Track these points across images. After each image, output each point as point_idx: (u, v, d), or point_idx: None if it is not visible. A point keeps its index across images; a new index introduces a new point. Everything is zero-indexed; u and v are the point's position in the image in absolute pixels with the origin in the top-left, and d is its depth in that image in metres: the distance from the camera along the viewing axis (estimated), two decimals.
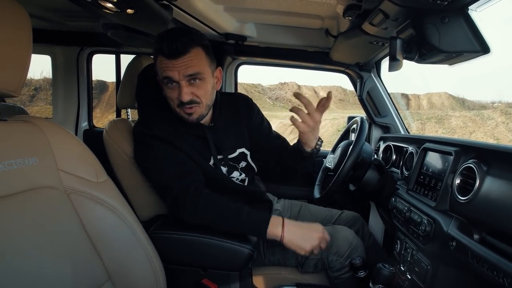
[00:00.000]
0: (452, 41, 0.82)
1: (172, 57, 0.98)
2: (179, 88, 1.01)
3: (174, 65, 0.98)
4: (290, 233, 0.98)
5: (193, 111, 1.05)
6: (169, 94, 1.04)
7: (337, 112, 15.47)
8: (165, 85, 1.03)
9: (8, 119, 0.70)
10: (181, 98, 1.01)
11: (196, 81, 1.02)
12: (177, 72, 0.99)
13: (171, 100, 1.04)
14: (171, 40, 0.97)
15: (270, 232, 0.96)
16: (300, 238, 0.98)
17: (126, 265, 0.78)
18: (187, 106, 1.03)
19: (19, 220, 0.62)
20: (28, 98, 12.91)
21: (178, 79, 0.99)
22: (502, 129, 11.50)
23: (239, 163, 1.21)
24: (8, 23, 0.62)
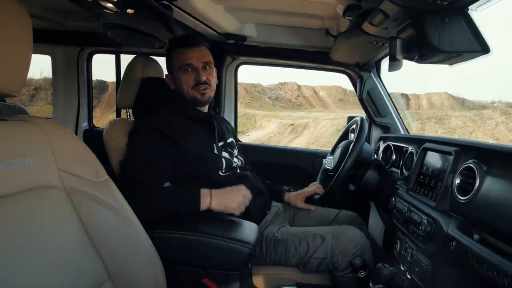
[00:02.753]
0: (452, 41, 0.82)
1: (192, 46, 1.21)
2: (195, 72, 1.21)
3: (193, 53, 1.21)
4: (217, 198, 1.07)
5: (206, 91, 1.23)
6: (185, 79, 1.22)
7: (337, 112, 15.48)
8: (182, 72, 1.21)
9: (8, 119, 0.70)
10: (199, 78, 1.21)
11: (207, 68, 1.24)
12: (195, 59, 1.21)
13: (185, 84, 1.21)
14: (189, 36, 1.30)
15: (202, 203, 1.06)
16: (226, 199, 1.09)
17: (126, 265, 0.78)
18: (201, 86, 1.21)
19: (20, 219, 0.62)
20: (28, 98, 12.91)
21: (196, 64, 1.21)
22: (502, 129, 11.50)
23: (233, 150, 1.31)
24: (9, 23, 0.62)
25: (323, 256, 1.13)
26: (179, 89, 1.24)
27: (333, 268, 1.14)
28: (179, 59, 1.22)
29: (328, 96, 18.10)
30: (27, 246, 0.61)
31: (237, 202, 1.09)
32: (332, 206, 1.47)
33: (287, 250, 1.16)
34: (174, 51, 1.23)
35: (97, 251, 0.73)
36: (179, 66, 1.21)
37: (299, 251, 1.15)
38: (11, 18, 0.63)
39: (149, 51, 1.79)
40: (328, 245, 1.13)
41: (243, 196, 1.10)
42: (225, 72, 1.87)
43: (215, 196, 1.07)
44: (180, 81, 1.22)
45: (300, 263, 1.16)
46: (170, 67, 1.26)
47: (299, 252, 1.15)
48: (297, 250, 1.15)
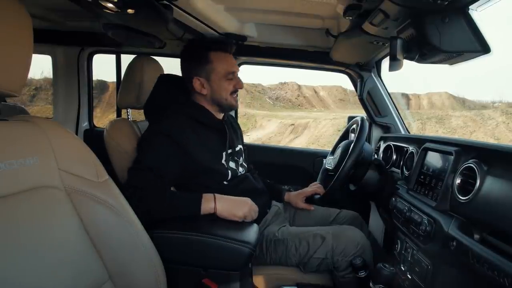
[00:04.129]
0: (453, 40, 0.82)
1: (231, 53, 1.22)
2: (235, 79, 1.22)
3: (233, 60, 1.22)
4: (222, 204, 1.06)
5: (237, 98, 1.27)
6: (226, 86, 1.20)
7: (337, 112, 15.47)
8: (226, 79, 1.20)
9: (9, 119, 0.70)
10: (240, 86, 1.23)
11: None
12: (236, 67, 1.23)
13: (227, 90, 1.21)
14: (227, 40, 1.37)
15: (204, 208, 1.04)
16: (231, 206, 1.06)
17: (127, 265, 0.78)
18: (237, 93, 1.24)
19: (20, 219, 0.62)
20: (28, 98, 12.92)
21: (237, 72, 1.23)
22: (502, 129, 11.49)
23: (239, 158, 1.28)
24: (9, 23, 0.62)
25: (323, 256, 1.13)
26: (216, 96, 1.20)
27: (334, 268, 1.14)
28: (222, 65, 1.18)
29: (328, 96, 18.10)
30: (28, 246, 0.61)
31: (243, 211, 1.06)
32: (333, 206, 1.47)
33: (288, 250, 1.16)
34: (213, 54, 1.18)
35: (98, 251, 0.73)
36: (224, 73, 1.18)
37: (300, 251, 1.15)
38: (12, 18, 0.63)
39: (150, 51, 1.79)
40: (329, 245, 1.13)
41: (249, 207, 1.08)
42: None
43: (219, 201, 1.05)
44: (220, 87, 1.19)
45: (300, 263, 1.16)
46: (207, 72, 1.18)
47: (300, 252, 1.15)
48: (297, 250, 1.15)
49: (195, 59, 1.19)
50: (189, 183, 1.13)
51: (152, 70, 1.33)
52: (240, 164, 1.28)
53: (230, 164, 1.21)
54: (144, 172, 1.04)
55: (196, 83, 1.18)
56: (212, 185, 1.14)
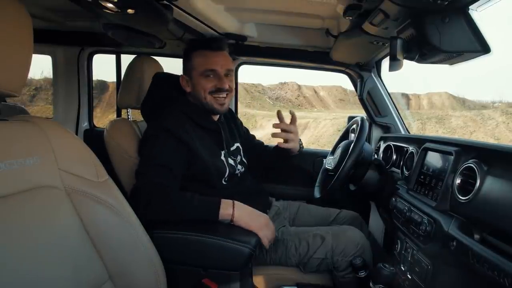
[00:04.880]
0: (453, 40, 0.82)
1: (217, 49, 1.18)
2: (217, 79, 1.17)
3: (217, 58, 1.17)
4: (240, 212, 1.03)
5: (226, 101, 1.20)
6: (205, 84, 1.17)
7: (337, 112, 15.47)
8: (204, 77, 1.17)
9: (9, 119, 0.70)
10: (221, 85, 1.17)
11: (228, 76, 1.20)
12: (220, 65, 1.17)
13: (204, 89, 1.17)
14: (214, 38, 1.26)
15: (222, 213, 1.02)
16: (248, 217, 1.04)
17: (127, 265, 0.78)
18: (222, 94, 1.18)
19: (20, 219, 0.62)
20: (28, 98, 12.92)
21: (220, 70, 1.17)
22: (502, 129, 11.49)
23: (237, 157, 1.28)
24: (9, 23, 0.62)
25: (323, 256, 1.13)
26: (195, 94, 1.19)
27: (333, 268, 1.14)
28: (201, 62, 1.17)
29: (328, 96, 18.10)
30: (28, 246, 0.61)
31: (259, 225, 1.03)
32: (333, 206, 1.47)
33: (287, 250, 1.16)
34: (195, 52, 1.18)
35: (97, 251, 0.73)
36: (201, 71, 1.17)
37: (299, 251, 1.15)
38: (12, 18, 0.63)
39: (150, 51, 1.79)
40: (328, 245, 1.13)
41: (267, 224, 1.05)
42: None
43: (238, 208, 1.03)
44: (198, 85, 1.18)
45: (300, 263, 1.16)
46: (189, 70, 1.20)
47: (299, 252, 1.15)
48: (297, 250, 1.15)
49: (184, 58, 1.23)
50: (187, 182, 1.11)
51: (152, 70, 1.33)
52: (239, 162, 1.27)
53: (230, 161, 1.22)
54: (156, 171, 1.03)
55: (182, 80, 1.21)
56: (209, 184, 1.14)
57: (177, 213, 1.01)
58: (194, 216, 1.01)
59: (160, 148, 1.07)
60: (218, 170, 1.16)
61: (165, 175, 1.03)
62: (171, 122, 1.11)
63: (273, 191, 1.49)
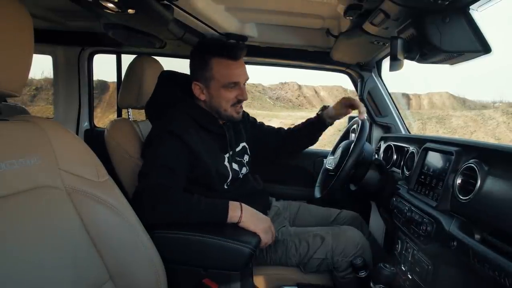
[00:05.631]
0: (453, 40, 0.82)
1: (238, 59, 1.13)
2: (239, 89, 1.14)
3: (239, 69, 1.14)
4: (247, 214, 1.03)
5: (242, 109, 1.20)
6: (226, 96, 1.13)
7: None
8: (225, 88, 1.13)
9: (9, 119, 0.70)
10: (244, 97, 1.15)
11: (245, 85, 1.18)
12: (243, 75, 1.15)
13: (225, 100, 1.14)
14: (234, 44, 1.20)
15: (231, 215, 1.01)
16: (255, 219, 1.05)
17: (127, 265, 0.78)
18: (240, 104, 1.17)
19: (21, 219, 0.62)
20: (29, 98, 12.93)
21: (242, 82, 1.15)
22: (503, 129, 11.47)
23: (243, 157, 1.26)
24: (10, 23, 0.62)
25: (323, 257, 1.13)
26: (214, 105, 1.15)
27: (334, 268, 1.14)
28: (223, 73, 1.11)
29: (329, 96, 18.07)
30: (28, 246, 0.61)
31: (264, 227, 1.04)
32: (333, 206, 1.47)
33: (288, 250, 1.16)
34: (214, 59, 1.11)
35: (98, 251, 0.74)
36: (224, 84, 1.11)
37: (300, 251, 1.15)
38: (12, 18, 0.63)
39: (150, 51, 1.79)
40: (328, 245, 1.13)
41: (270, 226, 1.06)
42: None
43: (246, 210, 1.03)
44: (218, 97, 1.13)
45: (300, 263, 1.16)
46: (207, 79, 1.12)
47: (300, 252, 1.15)
48: (297, 250, 1.15)
49: (196, 63, 1.15)
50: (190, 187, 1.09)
51: (152, 70, 1.33)
52: (244, 164, 1.25)
53: (233, 165, 1.19)
54: (160, 172, 1.02)
55: (195, 88, 1.15)
56: (213, 188, 1.13)
57: (184, 217, 1.00)
58: (201, 219, 1.00)
59: (164, 150, 1.06)
60: (220, 175, 1.14)
61: (169, 177, 1.02)
62: (175, 124, 1.09)
63: (273, 191, 1.49)
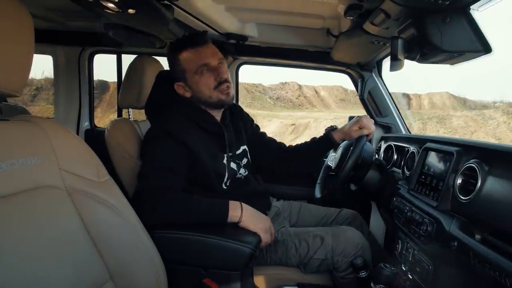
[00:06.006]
0: (454, 40, 0.82)
1: (201, 44, 1.12)
2: (214, 71, 1.12)
3: (206, 51, 1.12)
4: (248, 214, 1.03)
5: (230, 90, 1.15)
6: (205, 81, 1.12)
7: (338, 112, 15.47)
8: (200, 74, 1.11)
9: (10, 119, 0.70)
10: (222, 76, 1.12)
11: (223, 65, 1.15)
12: (211, 57, 1.12)
13: (206, 86, 1.12)
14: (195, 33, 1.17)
15: (231, 215, 1.01)
16: (255, 219, 1.05)
17: (128, 265, 0.78)
18: (223, 85, 1.12)
19: (21, 219, 0.62)
20: (29, 98, 12.95)
21: (214, 63, 1.12)
22: (503, 129, 11.48)
23: (242, 160, 1.25)
24: (10, 23, 0.62)
25: (323, 257, 1.13)
26: (198, 95, 1.14)
27: (334, 269, 1.14)
28: (191, 61, 1.11)
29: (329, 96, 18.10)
30: (29, 246, 0.61)
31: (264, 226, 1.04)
32: (334, 206, 1.47)
33: (288, 251, 1.16)
34: (181, 54, 1.12)
35: (98, 251, 0.74)
36: (195, 69, 1.11)
37: (300, 251, 1.15)
38: (13, 18, 0.63)
39: (151, 51, 1.79)
40: (328, 246, 1.13)
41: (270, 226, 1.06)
42: None
43: (246, 210, 1.03)
44: (198, 85, 1.13)
45: (300, 264, 1.16)
46: (181, 73, 1.14)
47: (300, 252, 1.15)
48: (297, 251, 1.15)
49: (171, 65, 1.17)
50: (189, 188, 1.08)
51: (153, 70, 1.33)
52: (242, 166, 1.24)
53: (231, 165, 1.19)
54: (159, 173, 1.01)
55: (178, 88, 1.16)
56: (212, 188, 1.13)
57: (184, 217, 1.00)
58: (202, 219, 1.00)
59: (162, 150, 1.06)
60: (217, 174, 1.14)
61: (168, 177, 1.02)
62: (173, 125, 1.09)
63: (273, 191, 1.49)
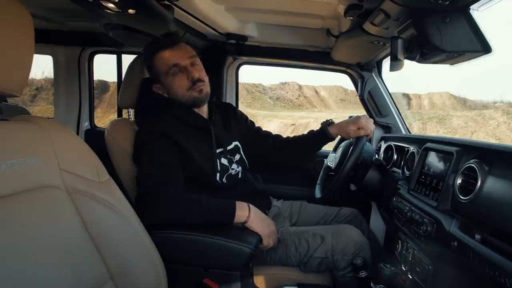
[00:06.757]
0: (454, 40, 0.82)
1: (172, 46, 1.14)
2: (186, 72, 1.14)
3: (176, 52, 1.14)
4: (255, 216, 1.04)
5: (203, 87, 1.16)
6: (178, 82, 1.14)
7: (338, 112, 15.47)
8: (172, 75, 1.14)
9: (10, 119, 0.70)
10: (192, 76, 1.13)
11: (196, 64, 1.16)
12: (181, 58, 1.13)
13: (180, 87, 1.14)
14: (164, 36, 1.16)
15: (238, 215, 1.01)
16: (261, 221, 1.05)
17: (128, 265, 0.78)
18: (198, 84, 1.14)
19: (21, 219, 0.62)
20: (29, 98, 12.96)
21: (184, 63, 1.13)
22: (503, 128, 11.48)
23: (235, 156, 1.25)
24: (10, 23, 0.62)
25: (323, 256, 1.13)
26: (174, 96, 1.17)
27: (333, 267, 1.14)
28: (163, 63, 1.14)
29: (329, 96, 18.12)
30: (28, 246, 0.61)
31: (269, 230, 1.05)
32: (334, 205, 1.47)
33: (288, 250, 1.16)
34: (154, 57, 1.16)
35: (98, 251, 0.73)
36: (166, 71, 1.14)
37: (299, 250, 1.15)
38: (13, 18, 0.63)
39: None
40: (328, 244, 1.13)
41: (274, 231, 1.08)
42: (226, 72, 1.86)
43: (253, 211, 1.04)
44: (172, 87, 1.15)
45: (300, 263, 1.16)
46: (155, 76, 1.18)
47: (300, 251, 1.15)
48: (297, 250, 1.15)
49: (147, 68, 1.21)
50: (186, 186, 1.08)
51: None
52: (235, 161, 1.24)
53: (222, 160, 1.19)
54: (159, 173, 1.02)
55: (157, 90, 1.19)
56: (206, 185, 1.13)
57: (189, 216, 0.99)
58: (209, 219, 1.00)
59: (157, 150, 1.06)
60: (209, 170, 1.14)
61: (168, 176, 1.02)
62: (164, 124, 1.10)
63: (274, 191, 1.49)
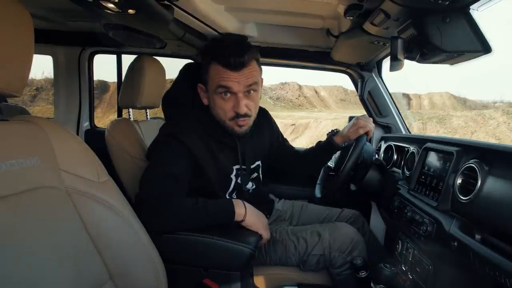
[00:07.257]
0: (454, 40, 0.82)
1: (236, 69, 0.99)
2: (235, 100, 1.02)
3: (236, 76, 0.99)
4: (250, 211, 1.03)
5: (245, 123, 1.06)
6: (221, 105, 1.03)
7: (338, 112, 15.48)
8: (218, 94, 1.02)
9: (9, 119, 0.70)
10: (239, 110, 1.01)
11: (251, 93, 1.04)
12: (238, 83, 1.00)
13: (222, 111, 1.04)
14: (237, 53, 0.99)
15: (237, 212, 1.00)
16: (256, 216, 1.05)
17: (127, 265, 0.78)
18: (241, 119, 1.03)
19: (21, 220, 0.62)
20: (29, 98, 12.97)
21: (238, 90, 1.00)
22: (503, 128, 11.48)
23: (252, 174, 1.22)
24: (10, 23, 0.62)
25: (321, 253, 1.13)
26: (212, 111, 1.07)
27: (330, 265, 1.14)
28: (214, 77, 1.01)
29: (329, 96, 18.13)
30: (28, 246, 0.61)
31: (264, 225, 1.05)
32: (334, 205, 1.47)
33: (287, 250, 1.16)
34: (212, 63, 1.02)
35: (98, 251, 0.73)
36: (217, 86, 1.01)
37: (298, 249, 1.15)
38: (13, 18, 0.63)
39: (151, 51, 1.79)
40: (326, 241, 1.13)
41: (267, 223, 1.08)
42: None
43: (249, 207, 1.02)
44: (215, 103, 1.04)
45: (300, 261, 1.16)
46: (205, 80, 1.06)
47: (299, 250, 1.15)
48: (296, 249, 1.15)
49: (201, 64, 1.09)
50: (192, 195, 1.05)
51: (153, 70, 1.33)
52: (251, 179, 1.21)
53: (239, 179, 1.15)
54: (165, 180, 0.98)
55: (200, 90, 1.11)
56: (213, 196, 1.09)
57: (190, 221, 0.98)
58: (209, 222, 0.99)
59: (168, 155, 1.02)
60: (222, 185, 1.12)
61: (172, 184, 0.99)
62: (181, 130, 1.04)
63: (275, 191, 1.49)
